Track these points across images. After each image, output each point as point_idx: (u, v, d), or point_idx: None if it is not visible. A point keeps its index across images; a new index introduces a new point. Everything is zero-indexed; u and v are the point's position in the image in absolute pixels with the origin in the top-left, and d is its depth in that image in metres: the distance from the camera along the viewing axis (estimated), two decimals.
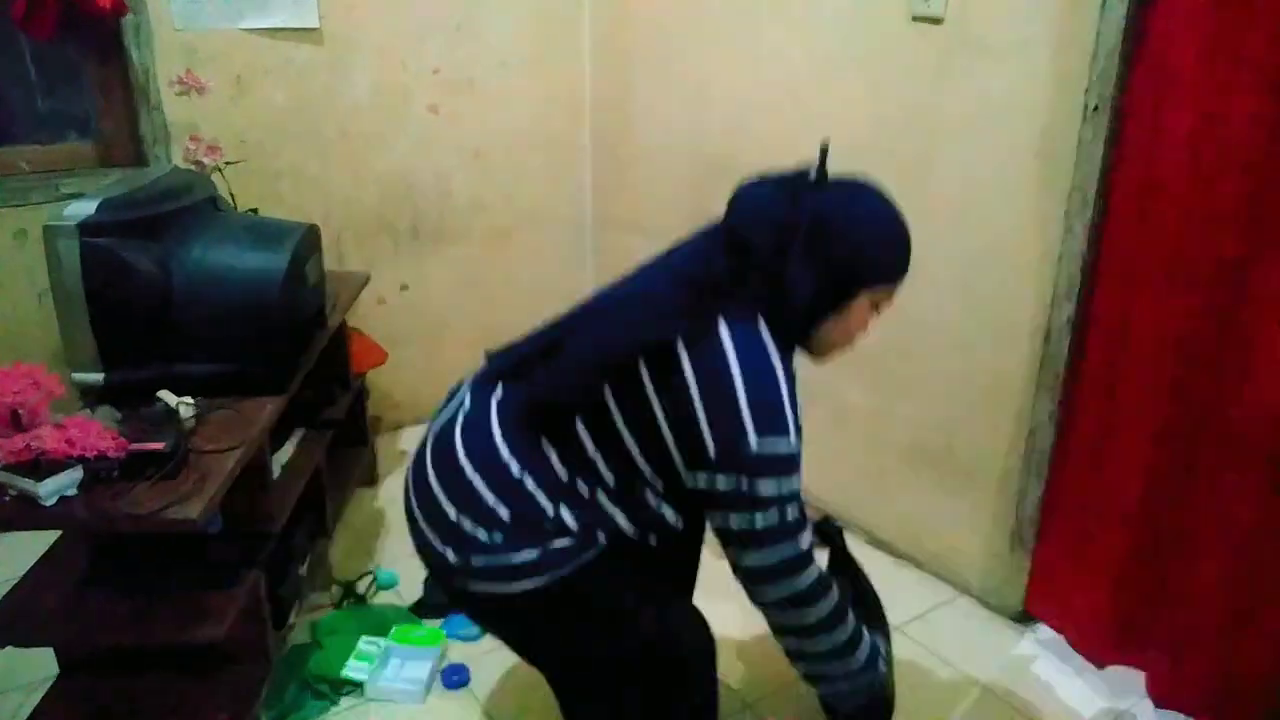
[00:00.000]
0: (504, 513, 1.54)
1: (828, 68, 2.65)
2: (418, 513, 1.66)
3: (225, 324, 2.01)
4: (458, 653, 2.37)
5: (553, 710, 2.18)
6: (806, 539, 1.53)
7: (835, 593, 1.59)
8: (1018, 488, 2.41)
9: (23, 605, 1.89)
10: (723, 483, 1.46)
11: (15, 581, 1.94)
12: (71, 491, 1.71)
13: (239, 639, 2.01)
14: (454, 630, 2.43)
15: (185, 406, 1.93)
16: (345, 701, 2.22)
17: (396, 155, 3.27)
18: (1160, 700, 2.19)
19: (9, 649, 1.85)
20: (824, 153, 1.63)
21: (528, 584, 1.54)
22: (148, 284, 1.94)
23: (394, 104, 3.21)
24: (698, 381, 1.45)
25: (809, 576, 1.54)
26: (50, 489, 1.67)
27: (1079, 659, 2.35)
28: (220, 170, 2.67)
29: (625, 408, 1.52)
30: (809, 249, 1.51)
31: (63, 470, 1.69)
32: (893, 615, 2.52)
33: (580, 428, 1.55)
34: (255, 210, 2.79)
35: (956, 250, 2.42)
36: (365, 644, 2.33)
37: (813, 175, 1.60)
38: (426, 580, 2.55)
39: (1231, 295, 1.92)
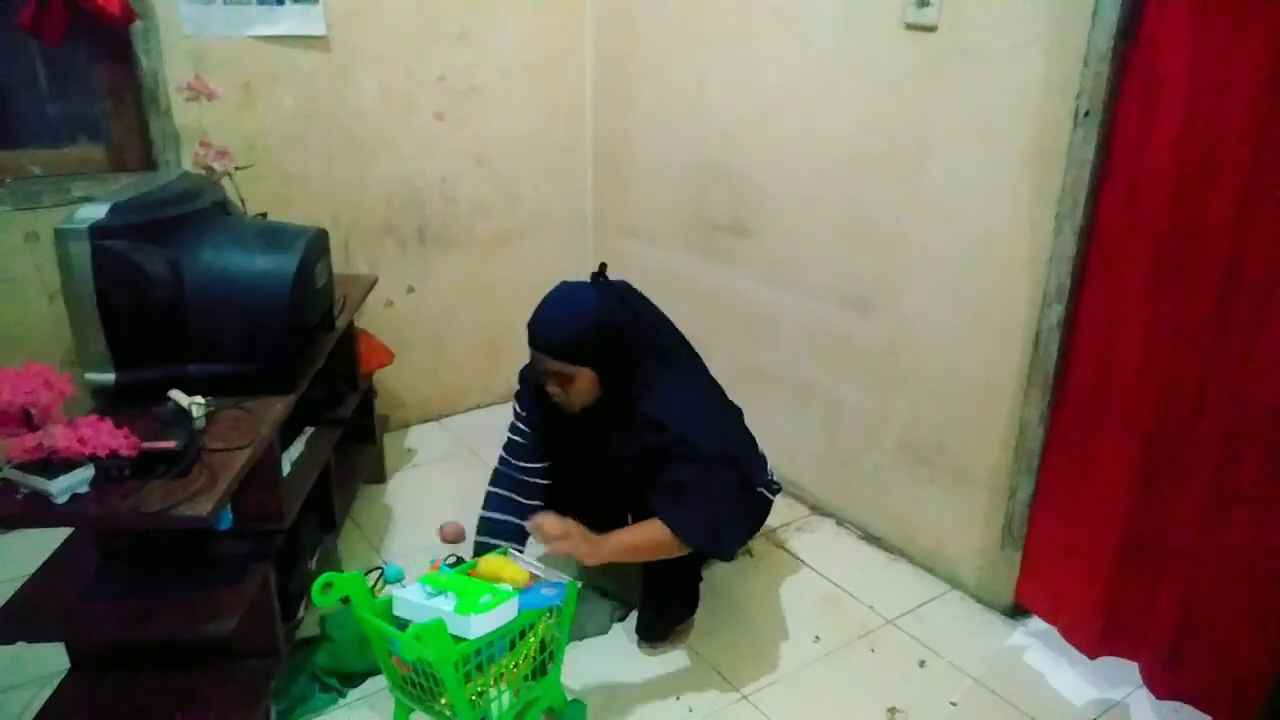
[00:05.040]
0: None
1: (823, 75, 2.69)
2: None
3: (235, 325, 2.05)
4: None
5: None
6: None
7: None
8: (1009, 484, 2.45)
9: (35, 601, 1.91)
10: None
11: (28, 578, 1.97)
12: (83, 489, 1.73)
13: (248, 633, 2.04)
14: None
15: (196, 406, 1.96)
16: (353, 694, 2.25)
17: (402, 160, 3.32)
18: (1157, 690, 2.22)
19: (21, 644, 1.87)
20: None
21: None
22: (159, 286, 1.97)
23: (399, 110, 3.26)
24: None
25: None
26: (62, 487, 1.70)
27: (1071, 650, 2.37)
28: (230, 175, 2.71)
29: None
30: None
31: (75, 469, 1.71)
32: (887, 609, 2.58)
33: None
34: (265, 214, 2.84)
35: (949, 252, 2.46)
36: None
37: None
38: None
39: (1220, 297, 1.95)
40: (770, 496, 2.50)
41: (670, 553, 2.14)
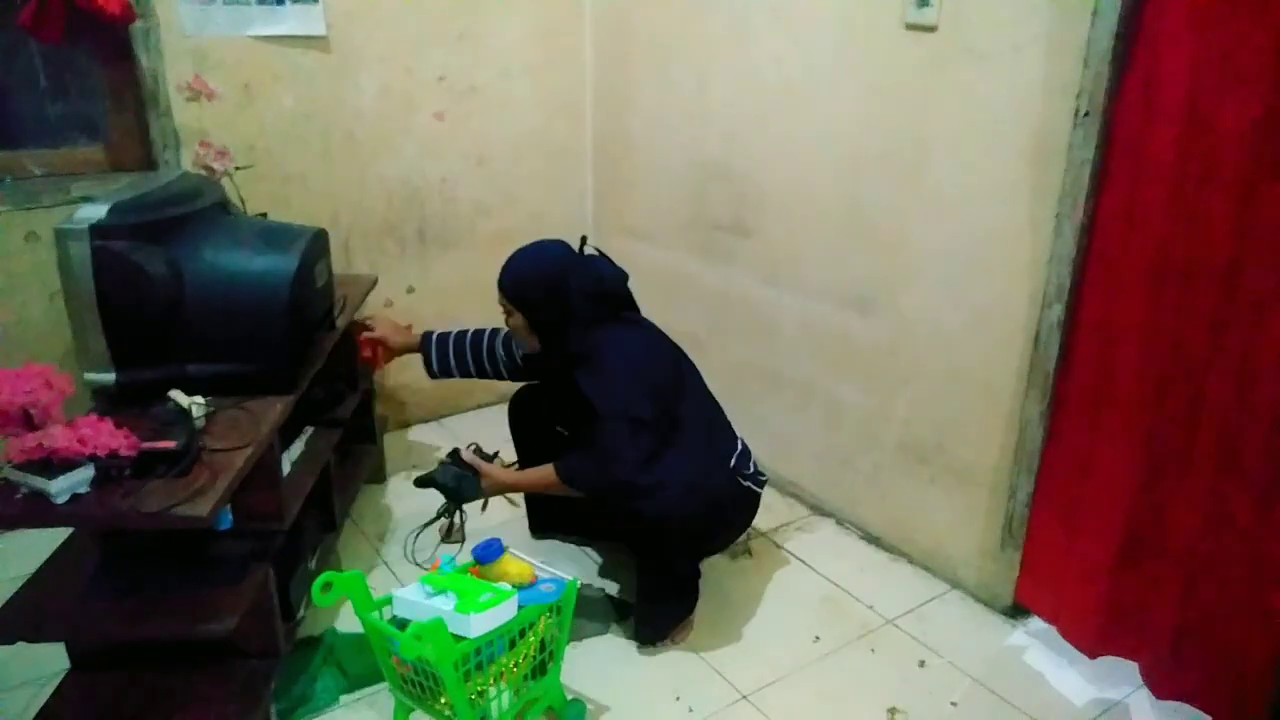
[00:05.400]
0: None
1: (823, 75, 2.69)
2: None
3: (236, 325, 2.05)
4: None
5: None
6: None
7: None
8: (1008, 484, 2.45)
9: (35, 601, 1.91)
10: None
11: (28, 578, 1.97)
12: (83, 489, 1.73)
13: (249, 633, 2.04)
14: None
15: (197, 406, 1.96)
16: (353, 694, 2.25)
17: (403, 161, 3.32)
18: (1157, 689, 2.22)
19: (21, 644, 1.87)
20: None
21: None
22: (159, 286, 1.97)
23: (400, 111, 3.26)
24: None
25: None
26: (62, 486, 1.70)
27: (1071, 650, 2.37)
28: (230, 175, 2.71)
29: None
30: None
31: (75, 469, 1.72)
32: (887, 609, 2.58)
33: None
34: (265, 214, 2.84)
35: (949, 252, 2.46)
36: None
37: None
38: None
39: (1218, 297, 1.95)
40: (756, 489, 2.49)
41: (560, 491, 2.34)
